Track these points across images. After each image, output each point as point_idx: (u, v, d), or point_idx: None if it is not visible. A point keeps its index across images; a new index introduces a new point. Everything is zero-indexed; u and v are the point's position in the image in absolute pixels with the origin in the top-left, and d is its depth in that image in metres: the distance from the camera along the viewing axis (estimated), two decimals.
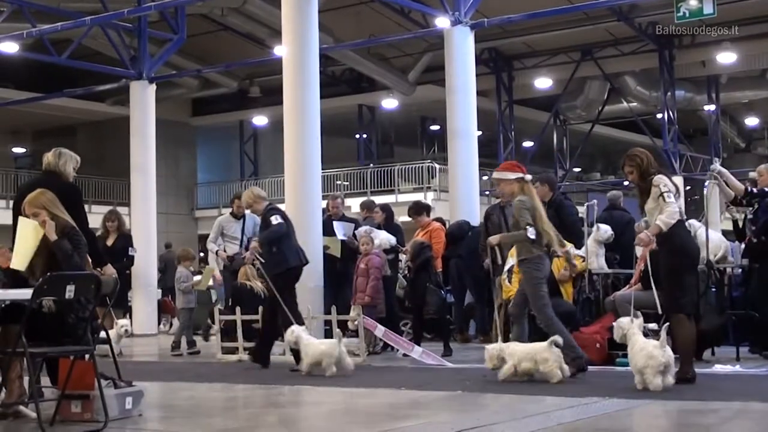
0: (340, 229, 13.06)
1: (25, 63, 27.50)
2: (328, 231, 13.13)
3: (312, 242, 13.00)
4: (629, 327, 7.99)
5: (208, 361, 11.49)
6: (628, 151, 8.47)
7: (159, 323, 20.66)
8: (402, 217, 14.83)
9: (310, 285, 12.74)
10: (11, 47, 22.34)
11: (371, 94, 34.14)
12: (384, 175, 32.98)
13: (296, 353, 10.10)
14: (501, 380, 8.53)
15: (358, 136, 36.37)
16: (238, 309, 12.00)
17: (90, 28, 21.58)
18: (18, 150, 38.41)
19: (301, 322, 10.28)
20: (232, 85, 32.80)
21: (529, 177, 9.24)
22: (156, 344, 16.49)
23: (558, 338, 8.43)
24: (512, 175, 9.17)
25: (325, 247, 13.06)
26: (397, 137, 39.99)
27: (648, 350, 7.65)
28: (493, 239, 9.50)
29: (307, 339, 9.82)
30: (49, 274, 6.41)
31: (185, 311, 13.61)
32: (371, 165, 34.43)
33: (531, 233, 8.83)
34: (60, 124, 34.86)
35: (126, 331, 12.09)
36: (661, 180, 8.09)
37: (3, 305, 6.72)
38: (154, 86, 21.42)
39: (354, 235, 12.85)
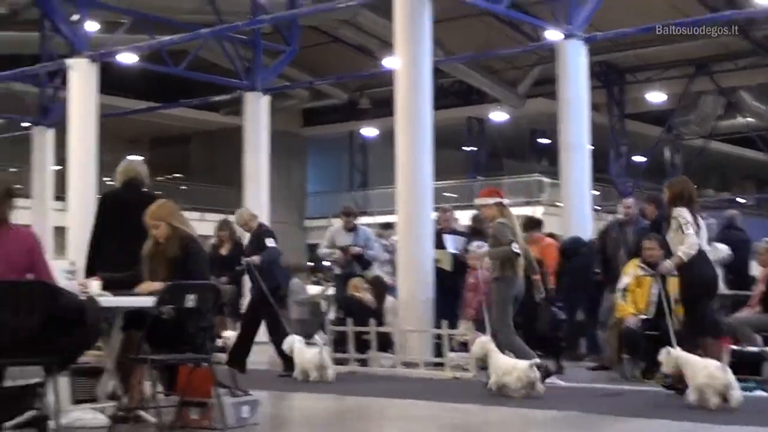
0: (451, 243, 13.02)
1: (143, 73, 28.16)
2: (437, 244, 13.10)
3: (423, 254, 12.95)
4: (678, 353, 8.06)
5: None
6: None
7: None
8: None
9: (420, 297, 12.70)
10: (131, 58, 22.91)
11: (480, 107, 34.06)
12: None
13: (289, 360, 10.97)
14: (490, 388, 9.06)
15: (466, 148, 36.33)
16: (350, 321, 12.08)
17: (206, 40, 22.03)
18: (135, 158, 39.32)
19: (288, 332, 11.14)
20: (343, 96, 33.11)
21: (506, 201, 10.06)
22: (267, 353, 16.65)
23: (537, 361, 9.01)
24: (491, 200, 9.93)
25: (436, 260, 13.01)
26: (506, 150, 39.77)
27: (710, 370, 7.77)
28: (481, 252, 10.39)
29: (299, 348, 10.73)
30: (169, 283, 6.56)
31: (298, 322, 13.79)
32: (479, 178, 34.33)
33: (515, 247, 9.45)
34: (175, 133, 35.63)
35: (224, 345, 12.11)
36: (680, 213, 8.56)
37: (127, 312, 6.89)
38: (268, 97, 21.66)
39: (465, 249, 12.78)
